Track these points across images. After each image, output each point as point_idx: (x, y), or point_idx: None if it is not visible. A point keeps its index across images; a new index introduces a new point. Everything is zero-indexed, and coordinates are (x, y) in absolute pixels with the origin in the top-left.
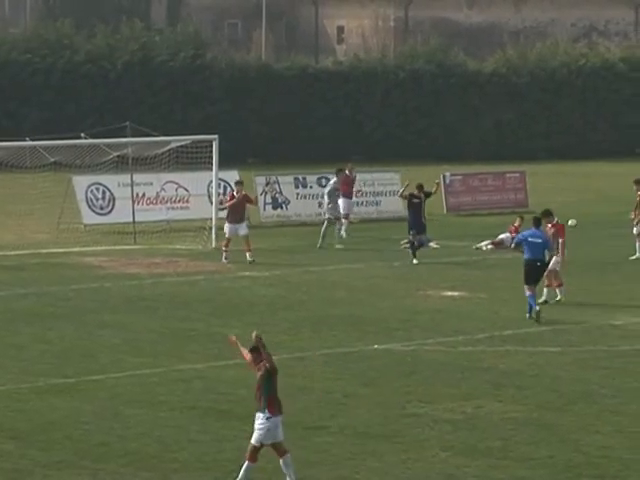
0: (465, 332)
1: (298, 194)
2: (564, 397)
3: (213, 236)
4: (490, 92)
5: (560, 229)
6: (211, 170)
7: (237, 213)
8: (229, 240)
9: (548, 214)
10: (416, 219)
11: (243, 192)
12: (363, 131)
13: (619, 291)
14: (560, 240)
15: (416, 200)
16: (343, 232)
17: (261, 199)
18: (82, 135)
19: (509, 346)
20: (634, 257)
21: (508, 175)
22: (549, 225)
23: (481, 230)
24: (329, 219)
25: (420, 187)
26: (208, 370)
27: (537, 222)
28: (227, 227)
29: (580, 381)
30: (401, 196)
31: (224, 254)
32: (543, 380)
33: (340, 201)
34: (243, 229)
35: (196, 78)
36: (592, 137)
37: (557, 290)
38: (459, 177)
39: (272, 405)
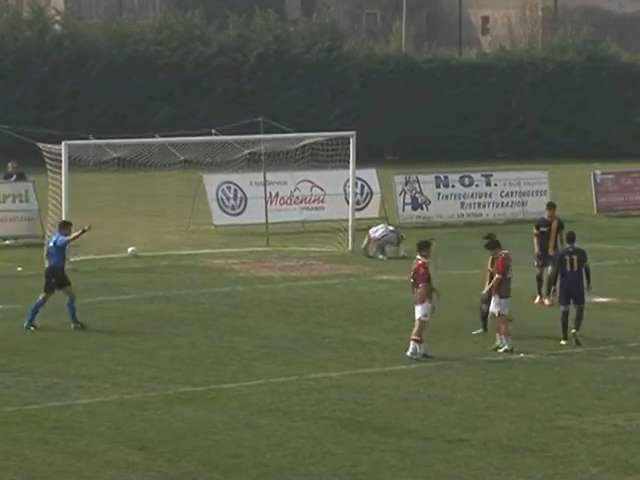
0: (616, 340)
1: (439, 194)
2: None
3: (350, 238)
4: None
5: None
6: (348, 168)
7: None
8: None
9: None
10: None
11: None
12: (509, 127)
13: None
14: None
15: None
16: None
17: (400, 199)
18: (213, 131)
19: None
20: None
21: None
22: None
23: (634, 232)
24: None
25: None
26: (344, 379)
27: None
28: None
29: None
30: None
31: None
32: None
33: None
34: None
35: (333, 71)
36: None
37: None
38: (611, 176)
39: None
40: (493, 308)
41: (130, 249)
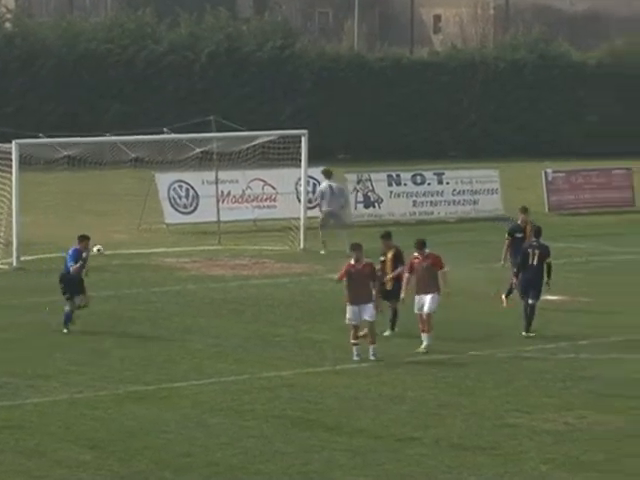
0: (567, 338)
1: (392, 192)
2: None
3: (301, 236)
4: (595, 84)
5: (437, 260)
6: (300, 167)
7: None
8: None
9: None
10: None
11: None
12: (460, 126)
13: None
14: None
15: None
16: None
17: (352, 197)
18: (165, 130)
19: (614, 353)
20: None
21: (614, 172)
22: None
23: (584, 230)
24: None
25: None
26: (295, 377)
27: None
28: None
29: None
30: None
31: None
32: None
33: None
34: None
35: (284, 69)
36: None
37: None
38: (562, 174)
39: None
40: (433, 306)
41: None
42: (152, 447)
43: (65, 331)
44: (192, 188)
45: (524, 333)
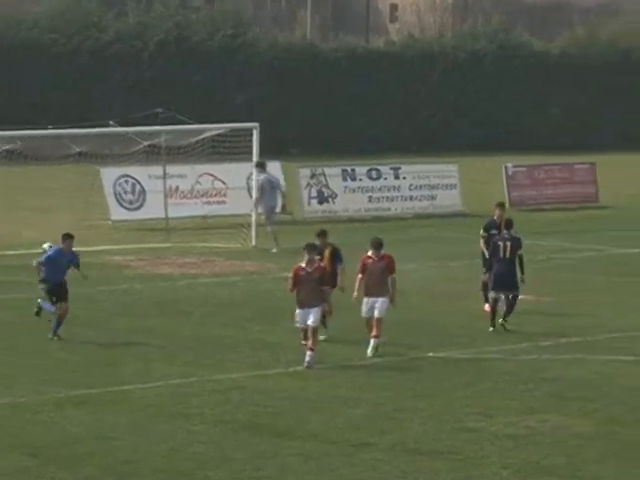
0: (529, 339)
1: (346, 187)
2: (637, 410)
3: (253, 233)
4: (558, 75)
5: (391, 263)
6: (251, 161)
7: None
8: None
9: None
10: None
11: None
12: (418, 118)
13: None
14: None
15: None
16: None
17: (305, 193)
18: (110, 123)
19: (578, 354)
20: None
21: (577, 166)
22: (372, 258)
23: (546, 227)
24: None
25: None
26: (246, 380)
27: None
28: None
29: None
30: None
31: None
32: (614, 392)
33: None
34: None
35: (235, 59)
36: None
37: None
38: (523, 169)
39: None
40: (384, 310)
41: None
42: (97, 453)
43: (54, 337)
44: (139, 183)
45: (500, 320)
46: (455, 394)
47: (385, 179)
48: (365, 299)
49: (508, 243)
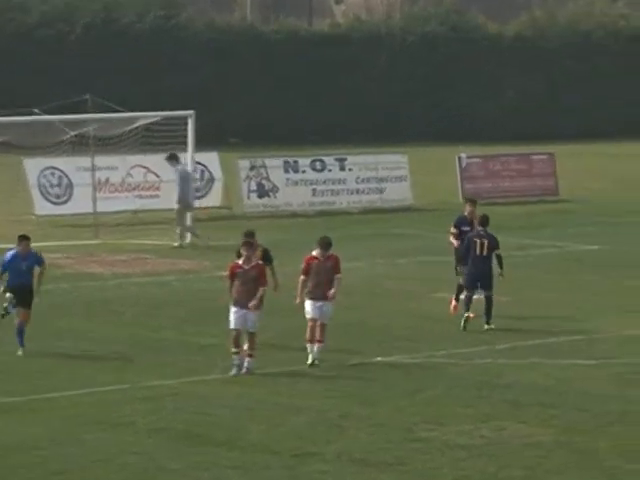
0: (483, 342)
1: (288, 180)
2: (598, 418)
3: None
4: (513, 59)
5: (337, 263)
6: (186, 151)
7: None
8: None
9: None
10: None
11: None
12: (365, 105)
13: None
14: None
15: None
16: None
17: (245, 186)
18: (35, 111)
19: (534, 358)
20: None
21: (534, 157)
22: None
23: (502, 222)
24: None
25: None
26: (181, 386)
27: None
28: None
29: (616, 399)
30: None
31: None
32: (573, 398)
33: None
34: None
35: (169, 41)
36: (634, 112)
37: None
38: (477, 160)
39: None
40: (329, 314)
41: None
42: (23, 465)
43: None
44: (65, 175)
45: (486, 326)
46: (404, 401)
47: (330, 171)
48: (309, 302)
49: (485, 240)
